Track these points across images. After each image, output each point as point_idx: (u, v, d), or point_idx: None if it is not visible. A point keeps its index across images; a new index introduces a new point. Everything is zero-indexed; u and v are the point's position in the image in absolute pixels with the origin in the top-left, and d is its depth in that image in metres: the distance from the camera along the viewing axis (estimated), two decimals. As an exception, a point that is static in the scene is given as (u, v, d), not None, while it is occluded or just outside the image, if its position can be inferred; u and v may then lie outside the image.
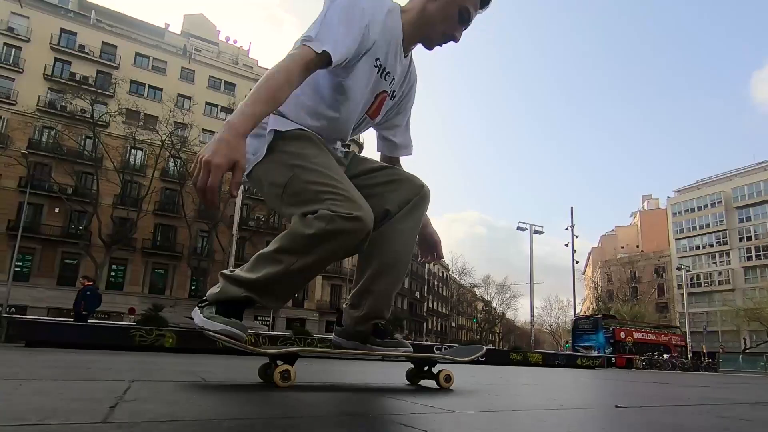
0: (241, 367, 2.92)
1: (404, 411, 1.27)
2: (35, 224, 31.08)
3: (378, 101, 1.67)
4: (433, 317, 62.22)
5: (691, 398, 2.49)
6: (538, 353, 16.89)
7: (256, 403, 1.29)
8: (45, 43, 35.88)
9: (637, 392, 2.87)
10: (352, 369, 3.38)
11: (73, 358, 3.43)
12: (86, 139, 33.87)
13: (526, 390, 2.60)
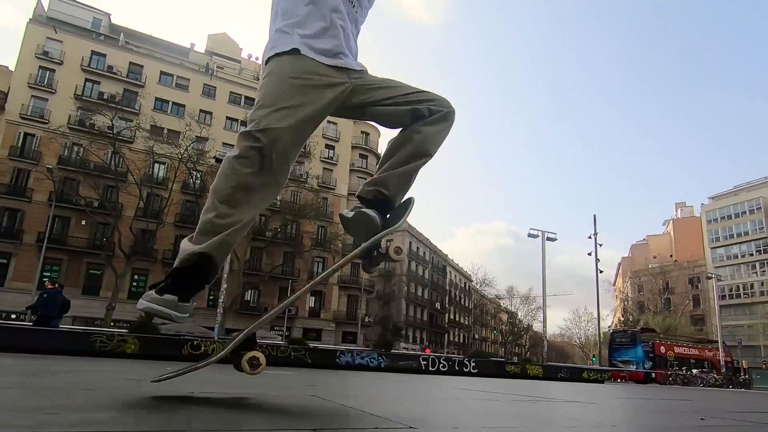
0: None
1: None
2: (63, 236, 32.53)
3: None
4: (454, 329, 61.09)
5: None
6: (538, 365, 16.20)
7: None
8: (76, 65, 37.92)
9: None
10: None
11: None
12: (112, 155, 35.42)
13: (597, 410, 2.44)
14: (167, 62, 42.81)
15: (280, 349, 11.09)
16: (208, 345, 10.12)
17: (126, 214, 33.54)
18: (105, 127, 33.83)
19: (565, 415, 2.02)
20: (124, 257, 30.45)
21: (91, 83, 38.33)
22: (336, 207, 44.59)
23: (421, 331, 52.63)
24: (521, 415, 1.89)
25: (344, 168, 47.15)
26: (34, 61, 36.61)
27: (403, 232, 53.68)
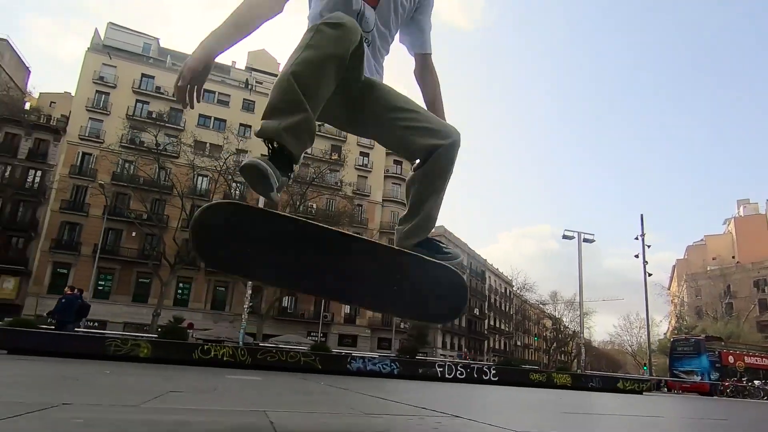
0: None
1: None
2: (115, 247, 35.09)
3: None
4: (495, 335, 59.69)
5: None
6: (566, 374, 15.43)
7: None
8: (128, 88, 40.87)
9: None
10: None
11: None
12: (159, 170, 37.87)
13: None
14: (210, 80, 44.46)
15: (290, 355, 11.41)
16: (218, 350, 10.63)
17: (171, 225, 35.68)
18: (153, 144, 36.30)
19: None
20: (169, 266, 32.37)
21: (141, 103, 41.14)
22: (370, 213, 45.11)
23: (459, 337, 51.82)
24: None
25: (378, 174, 47.56)
26: (91, 86, 39.83)
27: (440, 237, 53.40)
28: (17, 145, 35.86)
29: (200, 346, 10.82)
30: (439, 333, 48.04)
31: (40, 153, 36.30)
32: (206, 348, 10.56)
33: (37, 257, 33.13)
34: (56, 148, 36.96)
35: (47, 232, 33.85)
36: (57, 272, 33.44)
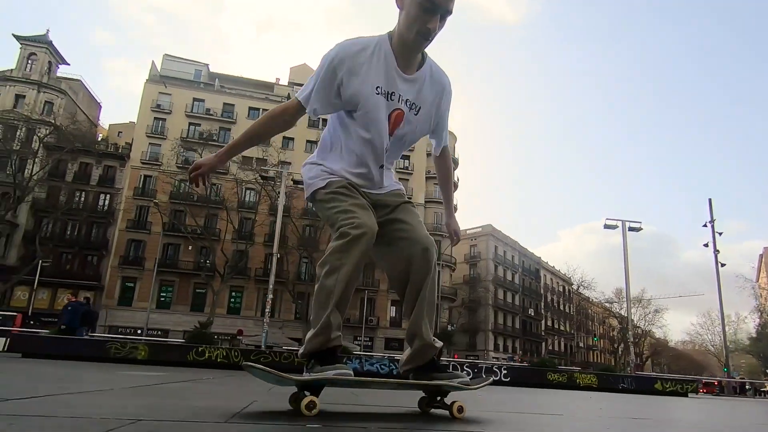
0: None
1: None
2: (174, 261, 37.88)
3: (393, 119, 1.94)
4: (553, 337, 56.72)
5: None
6: (592, 374, 14.19)
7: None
8: (182, 112, 44.10)
9: None
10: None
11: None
12: (212, 186, 40.41)
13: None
14: (254, 98, 47.51)
15: (283, 356, 11.64)
16: (212, 351, 11.17)
17: (224, 238, 37.91)
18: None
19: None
20: (219, 276, 34.40)
21: (193, 126, 44.21)
22: (413, 216, 45.01)
23: (513, 339, 49.95)
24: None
25: (420, 176, 47.25)
26: (150, 113, 43.47)
27: (487, 236, 51.94)
28: (90, 173, 39.95)
29: (195, 347, 11.41)
30: (490, 335, 46.71)
31: (108, 178, 40.15)
32: (200, 350, 11.14)
33: (108, 273, 36.65)
34: (122, 173, 40.70)
35: (116, 250, 37.33)
36: (125, 286, 36.74)
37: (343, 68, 1.85)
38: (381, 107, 1.91)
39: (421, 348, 2.02)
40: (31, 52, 42.39)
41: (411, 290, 2.03)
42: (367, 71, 1.87)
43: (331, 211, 1.95)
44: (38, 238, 33.75)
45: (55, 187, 37.78)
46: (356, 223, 1.85)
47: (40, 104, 40.70)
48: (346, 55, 1.85)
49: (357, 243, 1.83)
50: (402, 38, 1.86)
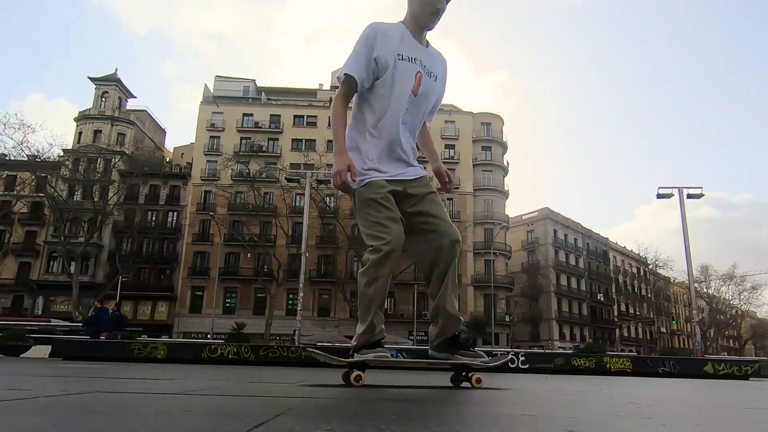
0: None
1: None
2: (236, 268, 40.45)
3: (417, 80, 2.36)
4: (628, 322, 52.42)
5: None
6: (623, 357, 12.66)
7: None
8: (233, 128, 46.84)
9: None
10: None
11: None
12: (264, 195, 42.63)
13: None
14: (298, 106, 49.21)
15: (291, 350, 12.02)
16: (224, 348, 11.87)
17: (279, 243, 39.82)
18: (256, 173, 41.07)
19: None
20: (274, 280, 36.21)
21: (245, 140, 46.78)
22: (462, 206, 43.96)
23: (582, 327, 47.03)
24: None
25: (467, 164, 46.09)
26: (205, 133, 46.69)
27: (544, 219, 49.42)
28: (158, 193, 43.87)
29: (208, 345, 12.16)
30: (554, 324, 44.45)
31: (174, 197, 43.81)
32: (213, 348, 11.87)
33: (179, 284, 40.06)
34: (185, 190, 44.19)
35: (184, 262, 40.68)
36: (195, 295, 39.93)
37: (377, 41, 2.30)
38: (408, 69, 2.33)
39: (447, 321, 2.38)
40: (104, 91, 47.26)
41: (438, 274, 2.38)
42: (392, 43, 2.32)
43: (367, 218, 2.32)
44: (118, 256, 37.75)
45: (130, 209, 41.97)
46: (387, 240, 2.23)
47: (113, 136, 45.35)
48: (378, 31, 2.33)
49: (388, 259, 2.23)
50: (416, 18, 2.37)
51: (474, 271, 41.16)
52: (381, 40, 2.30)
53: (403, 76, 2.32)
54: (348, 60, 2.31)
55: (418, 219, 2.39)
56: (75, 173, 40.88)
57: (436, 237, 2.37)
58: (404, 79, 2.32)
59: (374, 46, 2.29)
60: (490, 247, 39.63)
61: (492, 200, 44.14)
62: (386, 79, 2.31)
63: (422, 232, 2.39)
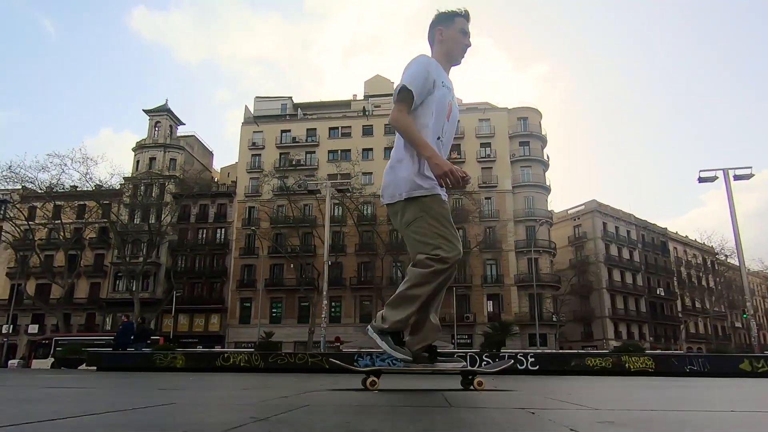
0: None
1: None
2: (280, 279, 41.94)
3: (449, 106, 2.70)
4: (696, 318, 48.19)
5: None
6: (646, 356, 11.50)
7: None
8: (273, 145, 48.83)
9: None
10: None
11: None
12: (303, 207, 44.03)
13: None
14: (333, 118, 50.42)
15: (298, 357, 12.40)
16: (236, 357, 12.45)
17: (318, 253, 40.88)
18: (295, 186, 42.57)
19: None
20: (315, 289, 37.16)
21: (284, 155, 48.62)
22: (501, 204, 42.93)
23: (640, 324, 43.91)
24: None
25: (504, 162, 44.98)
26: (247, 152, 49.03)
27: (592, 212, 46.98)
28: (207, 212, 46.59)
29: (222, 354, 12.80)
30: (608, 322, 41.92)
31: (221, 214, 46.32)
32: (226, 356, 12.49)
33: (229, 296, 42.17)
34: (231, 208, 46.59)
35: (233, 275, 42.79)
36: (244, 306, 41.85)
37: (431, 66, 2.65)
38: (446, 96, 2.67)
39: (430, 330, 2.65)
40: (157, 121, 51.05)
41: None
42: (439, 71, 2.68)
43: (431, 229, 2.48)
44: (172, 273, 40.44)
45: (183, 228, 44.89)
46: (453, 255, 2.44)
47: (166, 162, 48.81)
48: (432, 60, 2.71)
49: (447, 272, 2.46)
50: (449, 55, 2.80)
51: (517, 271, 39.93)
52: (434, 67, 2.65)
53: (443, 101, 2.63)
54: (407, 76, 2.57)
55: None
56: (134, 199, 44.41)
57: None
58: (442, 104, 2.63)
59: (429, 70, 2.59)
60: (533, 245, 38.32)
61: (533, 196, 42.72)
62: (431, 101, 2.59)
63: None
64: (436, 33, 2.83)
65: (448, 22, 2.81)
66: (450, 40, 2.79)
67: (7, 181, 36.25)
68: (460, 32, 2.79)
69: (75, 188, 40.15)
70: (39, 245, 41.96)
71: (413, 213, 2.51)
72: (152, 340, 16.13)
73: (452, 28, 2.80)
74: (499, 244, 40.75)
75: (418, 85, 2.53)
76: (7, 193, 40.44)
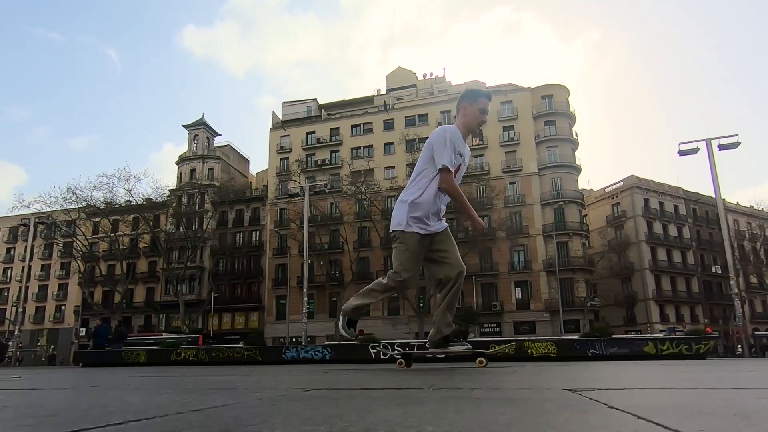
0: None
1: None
2: (312, 276, 43.33)
3: (456, 168, 3.46)
4: (764, 296, 43.21)
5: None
6: (548, 341, 10.66)
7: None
8: (299, 147, 50.37)
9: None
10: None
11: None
12: (331, 205, 45.19)
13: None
14: (355, 116, 51.03)
15: (235, 350, 13.10)
16: (187, 352, 13.37)
17: (348, 249, 41.83)
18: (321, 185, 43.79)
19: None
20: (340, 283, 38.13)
21: (309, 156, 50.02)
22: (526, 188, 41.32)
23: (691, 306, 40.32)
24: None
25: (529, 144, 43.20)
26: (276, 156, 51.02)
27: (630, 189, 43.79)
28: (243, 216, 49.17)
29: (175, 350, 13.74)
30: (652, 305, 38.97)
31: (255, 217, 48.68)
32: (178, 352, 13.43)
33: (266, 295, 44.33)
34: (264, 211, 48.81)
35: (268, 275, 44.90)
36: (279, 303, 43.80)
37: (456, 140, 3.42)
38: (457, 159, 3.43)
39: (442, 325, 3.49)
40: (195, 134, 54.51)
41: (443, 293, 3.48)
42: (456, 142, 3.41)
43: (402, 256, 3.44)
44: (212, 275, 43.24)
45: (222, 233, 47.77)
46: (403, 279, 3.44)
47: (205, 172, 52.09)
48: (452, 135, 3.43)
49: (397, 287, 3.53)
50: (468, 127, 3.51)
51: (546, 255, 38.34)
52: (455, 137, 3.39)
53: (452, 164, 3.37)
54: (443, 155, 3.33)
55: (437, 254, 3.49)
56: (179, 209, 47.95)
57: (448, 268, 3.45)
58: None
59: (452, 142, 3.34)
60: (561, 228, 36.63)
61: (561, 177, 40.69)
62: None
63: (439, 262, 3.49)
64: (461, 107, 3.52)
65: (471, 101, 3.47)
66: (470, 116, 3.46)
67: (68, 202, 40.57)
68: (480, 111, 3.45)
69: (129, 203, 44.13)
70: (102, 256, 46.70)
71: (398, 240, 3.45)
72: (128, 341, 17.62)
73: (474, 106, 3.45)
74: (526, 228, 39.34)
75: (449, 160, 3.30)
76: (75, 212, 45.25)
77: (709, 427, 0.88)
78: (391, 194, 41.61)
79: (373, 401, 1.42)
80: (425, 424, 0.92)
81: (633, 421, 0.95)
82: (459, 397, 1.49)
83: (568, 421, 0.99)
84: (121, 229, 44.24)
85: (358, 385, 2.29)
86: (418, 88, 55.14)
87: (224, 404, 1.42)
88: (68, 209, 40.49)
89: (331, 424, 0.93)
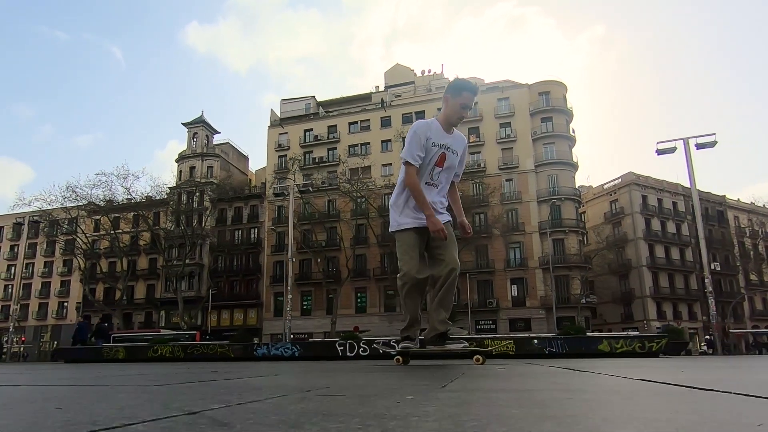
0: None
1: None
2: (309, 273, 43.58)
3: (440, 157, 3.50)
4: (764, 293, 42.70)
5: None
6: (507, 339, 10.80)
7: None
8: (297, 144, 50.46)
9: None
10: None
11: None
12: (327, 202, 45.31)
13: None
14: (352, 113, 51.02)
15: (210, 347, 13.22)
16: (163, 348, 13.53)
17: (344, 246, 41.95)
18: (319, 182, 43.90)
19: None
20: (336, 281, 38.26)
21: (308, 154, 50.13)
22: (523, 185, 41.15)
23: (689, 303, 40.00)
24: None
25: (525, 141, 43.01)
26: (274, 153, 51.16)
27: (628, 185, 43.44)
28: (241, 213, 49.43)
29: (152, 347, 13.94)
30: (649, 302, 38.73)
31: (254, 215, 48.92)
32: (155, 348, 13.63)
33: (264, 292, 44.60)
34: (262, 208, 49.04)
35: (266, 272, 45.15)
36: (277, 300, 44.03)
37: (423, 134, 3.45)
38: (435, 153, 3.45)
39: (437, 321, 3.52)
40: (194, 132, 54.76)
41: (437, 289, 3.50)
42: (429, 135, 3.45)
43: (401, 251, 3.54)
44: (210, 272, 43.55)
45: (221, 231, 48.07)
46: (404, 272, 3.48)
47: (204, 170, 52.37)
48: (425, 128, 3.49)
49: (406, 283, 3.50)
50: (449, 119, 3.49)
51: (542, 252, 38.22)
52: (429, 131, 3.43)
53: (432, 156, 3.43)
54: (408, 149, 3.43)
55: (435, 251, 3.52)
56: (178, 206, 48.29)
57: (442, 264, 3.46)
58: (429, 158, 3.43)
59: (422, 136, 3.40)
60: (559, 225, 36.47)
61: (557, 174, 40.48)
62: (425, 158, 3.43)
63: (435, 257, 3.53)
64: (444, 98, 3.52)
65: (455, 93, 3.45)
66: (451, 108, 3.45)
67: (68, 200, 40.97)
68: (461, 105, 3.43)
69: (129, 200, 44.51)
70: (103, 254, 47.19)
71: (397, 239, 3.55)
72: (123, 337, 17.90)
73: (457, 99, 3.43)
74: (522, 225, 39.22)
75: (410, 154, 3.37)
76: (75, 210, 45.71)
77: None
78: (387, 192, 41.68)
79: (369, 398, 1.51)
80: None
81: None
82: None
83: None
84: (122, 227, 44.65)
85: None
86: (416, 84, 54.99)
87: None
88: (68, 207, 40.92)
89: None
